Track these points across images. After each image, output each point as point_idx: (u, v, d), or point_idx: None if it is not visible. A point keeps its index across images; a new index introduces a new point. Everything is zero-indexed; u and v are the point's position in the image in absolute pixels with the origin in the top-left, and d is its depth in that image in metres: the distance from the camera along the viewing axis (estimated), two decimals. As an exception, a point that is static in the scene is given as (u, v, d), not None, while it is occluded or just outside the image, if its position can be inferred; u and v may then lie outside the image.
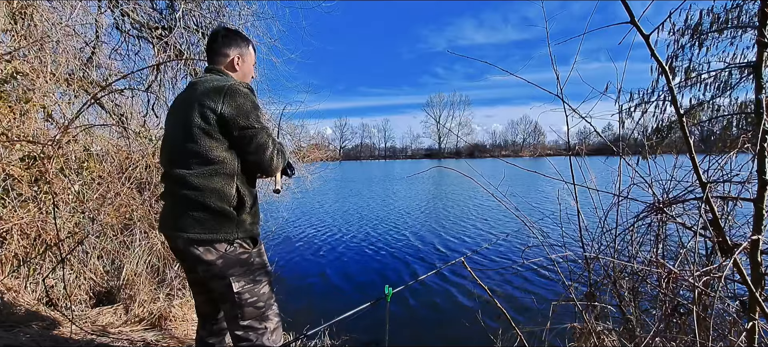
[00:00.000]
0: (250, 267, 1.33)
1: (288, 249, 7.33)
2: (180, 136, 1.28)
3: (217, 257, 1.26)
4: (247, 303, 1.32)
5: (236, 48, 1.48)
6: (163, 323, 2.66)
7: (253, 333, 1.33)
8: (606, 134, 1.87)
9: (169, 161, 1.32)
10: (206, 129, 1.24)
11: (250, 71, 1.57)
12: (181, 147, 1.27)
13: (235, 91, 1.27)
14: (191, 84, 1.38)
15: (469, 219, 9.92)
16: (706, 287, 1.37)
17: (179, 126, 1.30)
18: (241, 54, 1.50)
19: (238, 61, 1.49)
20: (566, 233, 2.06)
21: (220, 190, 1.25)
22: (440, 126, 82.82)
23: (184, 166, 1.26)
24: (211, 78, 1.36)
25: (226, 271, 1.28)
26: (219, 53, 1.46)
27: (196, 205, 1.24)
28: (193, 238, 1.24)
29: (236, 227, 1.28)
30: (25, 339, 2.01)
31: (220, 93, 1.25)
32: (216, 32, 1.50)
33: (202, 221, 1.24)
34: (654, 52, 1.20)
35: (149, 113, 4.85)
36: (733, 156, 1.53)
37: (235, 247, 1.29)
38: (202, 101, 1.26)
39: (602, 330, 1.71)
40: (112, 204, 3.07)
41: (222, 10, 4.76)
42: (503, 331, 1.82)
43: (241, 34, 1.53)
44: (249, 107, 1.28)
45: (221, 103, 1.24)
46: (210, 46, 1.48)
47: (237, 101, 1.26)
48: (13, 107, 2.79)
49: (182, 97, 1.38)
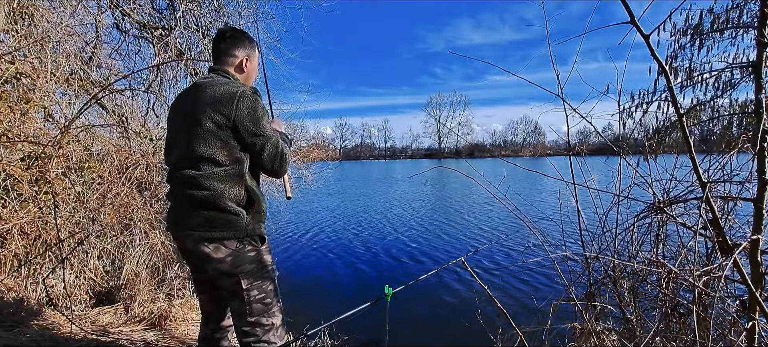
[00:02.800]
0: (259, 265, 1.35)
1: (288, 249, 7.33)
2: (189, 138, 1.29)
3: (227, 254, 1.29)
4: (255, 300, 1.34)
5: (244, 49, 1.48)
6: (163, 323, 2.67)
7: (260, 329, 1.35)
8: (606, 134, 1.87)
9: (177, 163, 1.33)
10: (218, 133, 1.26)
11: (255, 72, 1.57)
12: (191, 149, 1.28)
13: (247, 97, 1.29)
14: (196, 85, 1.36)
15: (469, 219, 9.92)
16: (706, 287, 1.37)
17: (187, 128, 1.30)
18: (249, 56, 1.50)
19: (246, 63, 1.48)
20: (566, 233, 2.06)
21: (230, 191, 1.27)
22: (440, 126, 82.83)
23: (194, 167, 1.27)
24: (218, 81, 1.35)
25: (236, 269, 1.31)
26: (227, 54, 1.45)
27: (206, 205, 1.26)
28: (203, 236, 1.27)
29: (245, 225, 1.30)
30: (25, 339, 2.02)
31: (233, 100, 1.27)
32: (223, 32, 1.48)
33: (212, 220, 1.26)
34: (654, 53, 1.20)
35: (149, 113, 4.85)
36: (733, 156, 1.53)
37: (244, 245, 1.31)
38: (214, 105, 1.27)
39: (602, 330, 1.71)
40: (113, 204, 3.07)
41: (222, 10, 4.76)
42: (503, 331, 1.82)
43: (248, 35, 1.52)
44: (260, 113, 1.31)
45: (234, 109, 1.26)
46: (217, 46, 1.47)
47: (249, 108, 1.28)
48: (13, 107, 2.79)
49: (187, 97, 1.37)
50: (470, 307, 4.19)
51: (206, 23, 4.70)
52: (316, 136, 10.33)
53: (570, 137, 1.84)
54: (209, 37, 4.67)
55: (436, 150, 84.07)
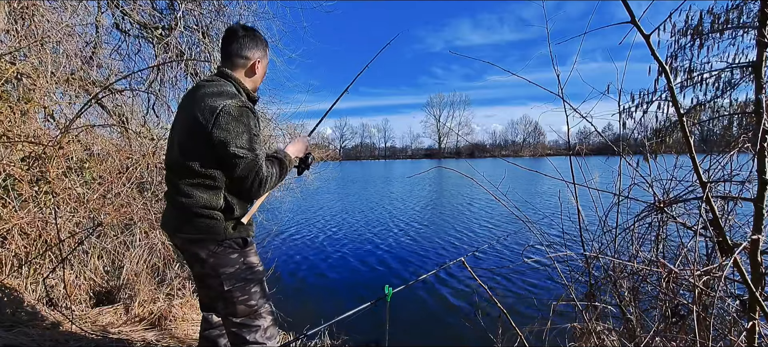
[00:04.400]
0: (241, 267, 1.35)
1: (288, 249, 7.33)
2: (178, 143, 1.32)
3: (208, 255, 1.31)
4: (239, 302, 1.35)
5: (258, 51, 1.41)
6: (163, 323, 2.67)
7: (246, 330, 1.36)
8: (606, 134, 1.86)
9: (168, 166, 1.38)
10: (196, 146, 1.26)
11: (265, 74, 1.51)
12: (176, 155, 1.31)
13: (229, 114, 1.21)
14: (195, 88, 1.35)
15: (469, 219, 9.92)
16: (706, 287, 1.37)
17: (177, 134, 1.34)
18: (262, 58, 1.43)
19: (258, 66, 1.42)
20: (566, 233, 2.06)
21: (206, 200, 1.27)
22: (440, 126, 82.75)
23: (177, 174, 1.31)
24: (211, 90, 1.29)
25: (218, 270, 1.32)
26: (238, 55, 1.38)
27: (186, 209, 1.28)
28: (185, 237, 1.32)
29: (224, 229, 1.31)
30: (26, 339, 2.01)
31: (213, 114, 1.21)
32: (235, 30, 1.38)
33: (193, 223, 1.28)
34: (654, 53, 1.20)
35: (149, 113, 4.86)
36: (733, 156, 1.53)
37: (224, 247, 1.32)
38: (197, 117, 1.24)
39: (602, 330, 1.71)
40: (113, 204, 3.07)
41: (222, 10, 4.76)
42: (503, 331, 1.82)
43: (260, 35, 1.45)
44: (240, 130, 1.23)
45: (212, 124, 1.21)
46: (228, 46, 1.38)
47: (229, 126, 1.21)
48: (14, 107, 2.80)
49: (187, 100, 1.37)
50: (470, 307, 4.19)
51: (206, 23, 4.70)
52: (316, 136, 10.33)
53: (570, 137, 1.84)
54: (209, 37, 4.68)
55: (436, 150, 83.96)
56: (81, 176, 3.03)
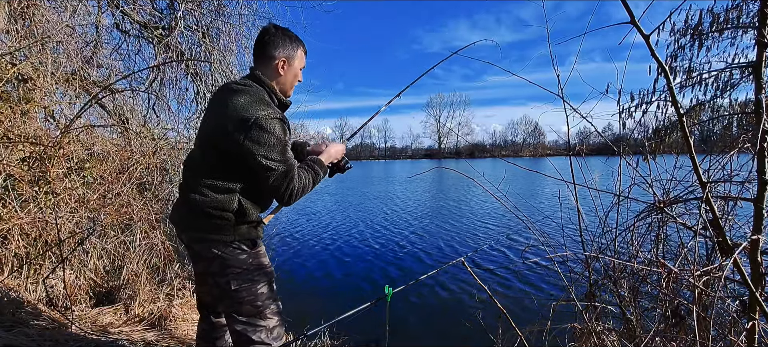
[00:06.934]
0: (250, 267, 1.35)
1: (288, 249, 7.33)
2: (200, 141, 1.34)
3: (215, 256, 1.30)
4: (245, 301, 1.34)
5: (284, 49, 1.38)
6: (163, 323, 2.67)
7: (251, 329, 1.35)
8: (606, 134, 1.87)
9: (187, 160, 1.40)
10: (223, 151, 1.26)
11: (297, 77, 1.46)
12: (198, 154, 1.34)
13: (261, 127, 1.21)
14: (228, 91, 1.31)
15: (469, 219, 9.92)
16: (706, 287, 1.37)
17: (203, 132, 1.35)
18: (288, 57, 1.39)
19: (284, 66, 1.39)
20: (566, 233, 2.06)
21: (219, 202, 1.27)
22: (440, 126, 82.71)
23: (194, 171, 1.32)
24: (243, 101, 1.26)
25: (225, 270, 1.31)
26: (264, 55, 1.37)
27: (197, 208, 1.28)
28: (193, 236, 1.33)
29: (234, 231, 1.30)
30: (25, 339, 2.01)
31: (246, 124, 1.20)
32: (265, 29, 1.38)
33: (202, 223, 1.29)
34: (654, 53, 1.20)
35: (149, 113, 4.86)
36: (733, 156, 1.53)
37: (232, 248, 1.31)
38: (226, 126, 1.23)
39: (602, 330, 1.71)
40: (113, 204, 3.07)
41: (222, 10, 4.76)
42: (503, 331, 1.82)
43: (291, 34, 1.40)
44: (273, 143, 1.23)
45: (243, 135, 1.20)
46: (256, 46, 1.39)
47: (261, 139, 1.21)
48: (14, 107, 2.79)
49: (216, 99, 1.36)
50: (470, 307, 4.19)
51: (206, 23, 4.69)
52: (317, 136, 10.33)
53: (570, 137, 1.84)
54: (209, 37, 4.67)
55: (436, 150, 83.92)
56: (81, 176, 3.03)
